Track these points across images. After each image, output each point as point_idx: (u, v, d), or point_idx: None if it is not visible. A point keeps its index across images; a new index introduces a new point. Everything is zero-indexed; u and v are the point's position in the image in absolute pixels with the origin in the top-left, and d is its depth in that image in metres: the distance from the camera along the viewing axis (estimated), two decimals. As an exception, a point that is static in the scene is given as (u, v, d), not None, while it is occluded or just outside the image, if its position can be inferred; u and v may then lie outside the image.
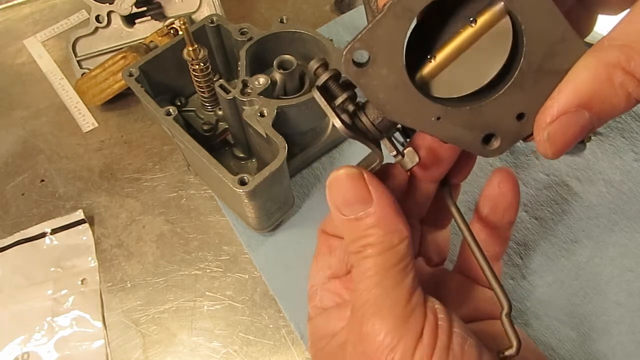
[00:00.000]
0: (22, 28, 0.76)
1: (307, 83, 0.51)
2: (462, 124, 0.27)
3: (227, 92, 0.47)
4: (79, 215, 0.56)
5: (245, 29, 0.51)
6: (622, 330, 0.46)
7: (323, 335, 0.34)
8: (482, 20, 0.26)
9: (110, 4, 0.63)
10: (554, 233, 0.51)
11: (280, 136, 0.44)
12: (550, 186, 0.54)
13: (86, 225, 0.56)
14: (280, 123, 0.46)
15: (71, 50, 0.65)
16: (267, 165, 0.44)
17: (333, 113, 0.28)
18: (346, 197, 0.28)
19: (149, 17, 0.66)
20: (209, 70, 0.51)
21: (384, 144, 0.29)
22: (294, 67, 0.49)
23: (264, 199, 0.47)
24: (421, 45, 0.28)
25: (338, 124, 0.28)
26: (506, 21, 0.26)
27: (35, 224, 0.56)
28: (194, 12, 0.67)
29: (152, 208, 0.57)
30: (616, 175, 0.54)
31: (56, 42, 0.73)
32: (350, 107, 0.28)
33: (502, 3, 0.25)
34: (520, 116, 0.26)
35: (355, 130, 0.29)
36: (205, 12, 0.66)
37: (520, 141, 0.28)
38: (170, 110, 0.47)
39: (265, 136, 0.46)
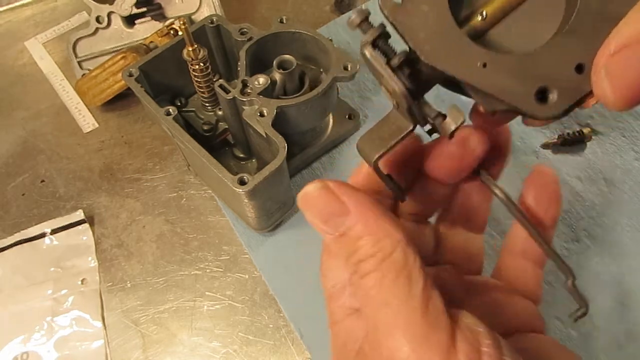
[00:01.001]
0: (23, 30, 0.76)
1: (306, 83, 0.51)
2: (512, 72, 0.23)
3: (227, 92, 0.47)
4: (79, 215, 0.57)
5: (245, 29, 0.51)
6: (623, 330, 0.45)
7: (356, 338, 0.29)
8: None
9: (110, 5, 0.64)
10: (554, 232, 0.51)
11: (280, 136, 0.44)
12: (551, 186, 0.54)
13: (86, 225, 0.56)
14: (280, 123, 0.46)
15: (72, 51, 0.65)
16: (267, 165, 0.44)
17: (392, 73, 0.24)
18: (322, 214, 0.26)
19: (149, 18, 0.66)
20: (209, 70, 0.51)
21: (421, 109, 0.25)
22: (293, 67, 0.49)
23: (263, 198, 0.47)
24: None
25: (398, 86, 0.24)
26: None
27: (36, 224, 0.57)
28: (193, 13, 0.67)
29: (152, 208, 0.57)
30: (617, 175, 0.54)
31: (57, 44, 0.74)
32: (407, 71, 0.24)
33: None
34: (579, 68, 0.23)
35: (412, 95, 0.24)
36: (205, 12, 0.67)
37: (576, 110, 0.24)
38: (170, 110, 0.47)
39: (265, 136, 0.46)
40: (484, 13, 0.25)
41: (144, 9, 0.65)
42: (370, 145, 0.27)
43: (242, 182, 0.43)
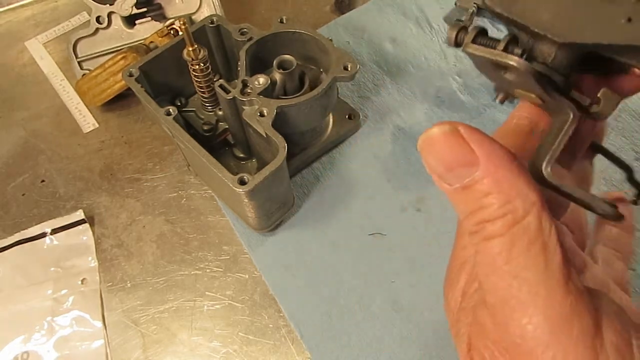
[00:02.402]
0: (23, 30, 0.76)
1: (307, 83, 0.51)
2: None
3: (227, 92, 0.47)
4: (79, 215, 0.57)
5: (245, 29, 0.52)
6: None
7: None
8: None
9: (110, 5, 0.64)
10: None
11: (280, 136, 0.44)
12: (551, 186, 0.54)
13: (86, 225, 0.56)
14: (280, 123, 0.46)
15: (72, 52, 0.65)
16: (267, 165, 0.44)
17: (507, 54, 0.21)
18: (445, 162, 0.22)
19: (149, 18, 0.66)
20: (209, 70, 0.51)
21: (572, 96, 0.23)
22: (293, 67, 0.49)
23: (263, 198, 0.47)
24: None
25: (520, 62, 0.21)
26: None
27: (36, 224, 0.57)
28: (194, 13, 0.67)
29: (152, 208, 0.57)
30: (617, 174, 0.54)
31: (57, 44, 0.74)
32: (518, 51, 0.22)
33: None
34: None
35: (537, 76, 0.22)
36: (205, 12, 0.67)
37: None
38: (170, 110, 0.47)
39: (265, 136, 0.46)
40: None
41: (144, 9, 0.65)
42: (537, 158, 0.23)
43: (242, 182, 0.43)
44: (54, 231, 0.56)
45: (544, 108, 0.24)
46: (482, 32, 0.23)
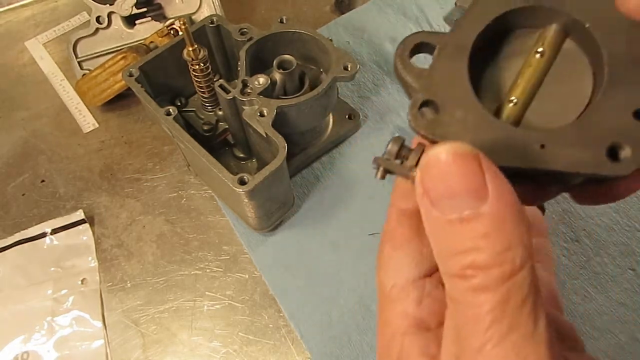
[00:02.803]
0: (23, 30, 0.76)
1: (307, 83, 0.51)
2: (574, 142, 0.22)
3: (227, 92, 0.47)
4: (79, 215, 0.57)
5: (245, 29, 0.52)
6: (623, 330, 0.45)
7: (420, 354, 0.23)
8: (546, 47, 0.24)
9: (110, 5, 0.64)
10: (554, 232, 0.51)
11: (280, 136, 0.44)
12: (551, 185, 0.54)
13: (86, 225, 0.56)
14: (280, 123, 0.46)
15: (72, 52, 0.65)
16: (267, 165, 0.44)
17: None
18: (451, 187, 0.19)
19: (149, 18, 0.66)
20: (209, 70, 0.51)
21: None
22: (293, 67, 0.49)
23: (263, 198, 0.47)
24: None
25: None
26: (569, 42, 0.24)
27: (36, 224, 0.57)
28: (194, 13, 0.67)
29: (152, 208, 0.57)
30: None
31: (57, 44, 0.74)
32: None
33: (556, 25, 0.24)
34: (637, 114, 0.22)
35: None
36: (205, 12, 0.67)
37: None
38: (170, 110, 0.47)
39: (265, 136, 0.46)
40: (513, 99, 0.24)
41: (144, 9, 0.65)
42: None
43: (242, 182, 0.43)
44: (54, 231, 0.56)
45: None
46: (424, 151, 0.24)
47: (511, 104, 0.24)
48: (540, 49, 0.24)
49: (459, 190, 0.19)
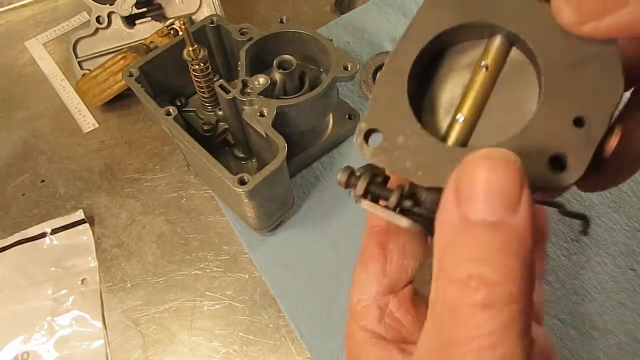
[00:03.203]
0: (23, 30, 0.76)
1: (306, 83, 0.51)
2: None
3: (227, 92, 0.47)
4: (79, 215, 0.57)
5: (245, 29, 0.52)
6: (622, 330, 0.45)
7: None
8: (491, 60, 0.24)
9: (110, 5, 0.64)
10: (554, 232, 0.51)
11: (280, 136, 0.44)
12: (551, 185, 0.54)
13: (86, 225, 0.56)
14: (280, 123, 0.46)
15: (72, 52, 0.65)
16: (267, 165, 0.44)
17: (396, 214, 0.23)
18: (487, 186, 0.18)
19: (149, 18, 0.66)
20: (209, 70, 0.51)
21: None
22: (293, 67, 0.49)
23: (263, 198, 0.47)
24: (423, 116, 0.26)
25: (406, 223, 0.23)
26: (515, 51, 0.24)
27: (36, 224, 0.57)
28: (194, 13, 0.67)
29: (152, 208, 0.57)
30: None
31: (57, 44, 0.74)
32: (408, 203, 0.24)
33: (500, 36, 0.24)
34: (577, 122, 0.21)
35: (424, 223, 0.24)
36: (205, 12, 0.67)
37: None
38: (170, 110, 0.47)
39: (265, 136, 0.46)
40: (460, 117, 0.24)
41: (144, 9, 0.65)
42: (422, 282, 0.26)
43: (242, 182, 0.43)
44: (54, 231, 0.56)
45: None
46: (372, 180, 0.25)
47: (458, 122, 0.24)
48: (484, 63, 0.24)
49: (494, 194, 0.18)
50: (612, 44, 0.22)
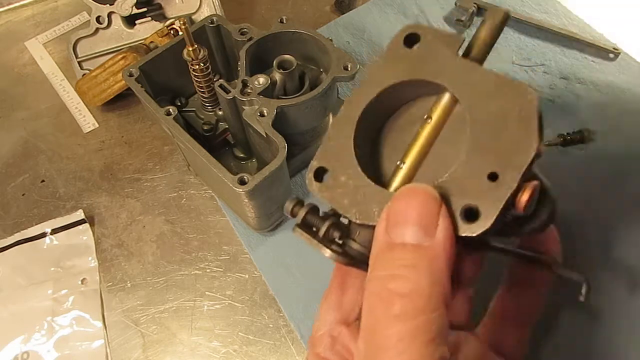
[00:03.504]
0: (23, 30, 0.76)
1: (307, 83, 0.51)
2: None
3: (227, 92, 0.47)
4: (79, 215, 0.57)
5: (245, 29, 0.52)
6: (622, 330, 0.45)
7: None
8: (436, 114, 0.27)
9: (110, 5, 0.64)
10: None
11: (280, 136, 0.44)
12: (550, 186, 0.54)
13: (86, 225, 0.56)
14: (280, 123, 0.46)
15: (72, 52, 0.65)
16: (267, 165, 0.44)
17: (320, 244, 0.27)
18: (408, 215, 0.22)
19: (149, 18, 0.66)
20: (209, 70, 0.51)
21: None
22: (293, 67, 0.49)
23: (263, 198, 0.47)
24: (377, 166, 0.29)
25: (328, 253, 0.26)
26: (460, 107, 0.27)
27: (36, 224, 0.57)
28: (194, 13, 0.67)
29: (152, 208, 0.57)
30: (616, 175, 0.54)
31: (57, 44, 0.74)
32: (336, 234, 0.27)
33: (448, 94, 0.27)
34: (492, 176, 0.23)
35: (349, 257, 0.27)
36: (205, 12, 0.67)
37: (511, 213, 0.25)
38: (170, 110, 0.47)
39: (265, 136, 0.46)
40: (401, 163, 0.27)
41: (144, 9, 0.65)
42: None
43: (242, 182, 0.43)
44: (54, 231, 0.56)
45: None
46: (312, 210, 0.28)
47: (401, 169, 0.27)
48: (427, 116, 0.27)
49: (412, 221, 0.22)
50: (530, 106, 0.24)
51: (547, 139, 0.56)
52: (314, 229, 0.28)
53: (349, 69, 0.48)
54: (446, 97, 0.27)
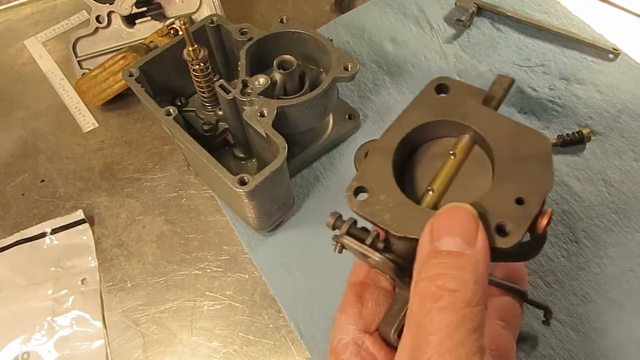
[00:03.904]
0: (22, 29, 0.76)
1: (307, 83, 0.51)
2: None
3: (227, 92, 0.47)
4: (79, 215, 0.57)
5: (245, 29, 0.51)
6: (622, 330, 0.46)
7: None
8: (458, 151, 0.32)
9: (110, 4, 0.64)
10: (553, 233, 0.51)
11: (281, 136, 0.44)
12: (550, 186, 0.54)
13: (86, 225, 0.56)
14: (280, 123, 0.46)
15: (71, 51, 0.65)
16: (267, 165, 0.44)
17: (370, 249, 0.30)
18: (452, 228, 0.26)
19: (149, 18, 0.66)
20: (209, 70, 0.51)
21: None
22: (294, 67, 0.49)
23: (264, 199, 0.47)
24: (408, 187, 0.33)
25: (378, 257, 0.30)
26: (477, 147, 0.33)
27: (36, 224, 0.57)
28: (194, 13, 0.67)
29: (152, 208, 0.57)
30: (616, 175, 0.54)
31: (57, 43, 0.73)
32: (380, 245, 0.30)
33: (468, 135, 0.33)
34: (519, 201, 0.28)
35: (392, 263, 0.30)
36: (205, 12, 0.66)
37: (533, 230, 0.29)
38: (171, 110, 0.47)
39: (265, 136, 0.46)
40: (430, 188, 0.32)
41: (144, 9, 0.65)
42: (385, 323, 0.33)
43: (242, 183, 0.43)
44: (54, 231, 0.56)
45: (394, 283, 0.33)
46: (354, 224, 0.31)
47: (430, 192, 0.32)
48: (452, 151, 0.33)
49: (457, 233, 0.26)
50: (546, 149, 0.30)
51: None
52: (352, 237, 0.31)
53: (349, 69, 0.48)
54: (466, 138, 0.33)
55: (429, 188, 0.32)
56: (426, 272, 0.26)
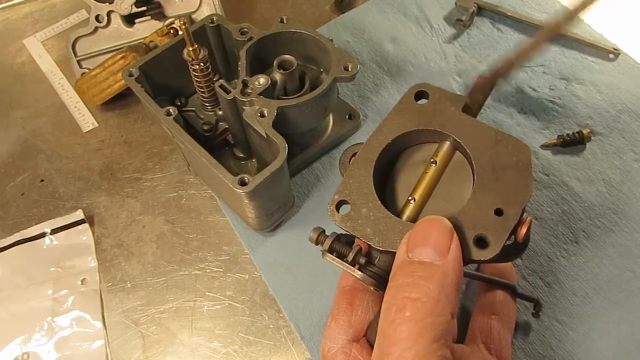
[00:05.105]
0: (21, 27, 0.76)
1: (307, 83, 0.51)
2: None
3: (227, 92, 0.47)
4: (79, 215, 0.56)
5: (245, 29, 0.51)
6: (621, 331, 0.46)
7: None
8: (439, 159, 0.33)
9: (110, 3, 0.63)
10: (553, 233, 0.51)
11: (281, 136, 0.44)
12: (550, 186, 0.54)
13: (86, 225, 0.56)
14: (280, 123, 0.46)
15: (71, 50, 0.65)
16: (268, 166, 0.44)
17: (351, 267, 0.30)
18: (426, 239, 0.27)
19: (149, 17, 0.66)
20: (209, 70, 0.51)
21: None
22: (294, 67, 0.49)
23: (264, 199, 0.47)
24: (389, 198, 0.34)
25: (359, 275, 0.30)
26: (458, 154, 0.33)
27: (35, 224, 0.56)
28: (194, 12, 0.67)
29: (152, 208, 0.57)
30: (616, 176, 0.54)
31: (56, 42, 0.73)
32: (362, 260, 0.31)
33: (448, 142, 0.33)
34: (498, 212, 0.29)
35: (374, 278, 0.31)
36: (205, 12, 0.66)
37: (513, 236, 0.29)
38: (170, 110, 0.47)
39: (265, 136, 0.46)
40: (411, 198, 0.32)
41: (144, 8, 0.65)
42: (372, 330, 0.33)
43: (242, 183, 0.43)
44: (54, 231, 0.56)
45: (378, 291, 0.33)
46: (336, 239, 0.32)
47: (411, 203, 0.32)
48: (433, 159, 0.33)
49: (430, 244, 0.27)
50: (526, 158, 0.30)
51: (546, 140, 0.56)
52: (334, 253, 0.32)
53: (350, 69, 0.48)
54: (447, 145, 0.33)
55: (410, 198, 0.32)
56: (395, 281, 0.27)
